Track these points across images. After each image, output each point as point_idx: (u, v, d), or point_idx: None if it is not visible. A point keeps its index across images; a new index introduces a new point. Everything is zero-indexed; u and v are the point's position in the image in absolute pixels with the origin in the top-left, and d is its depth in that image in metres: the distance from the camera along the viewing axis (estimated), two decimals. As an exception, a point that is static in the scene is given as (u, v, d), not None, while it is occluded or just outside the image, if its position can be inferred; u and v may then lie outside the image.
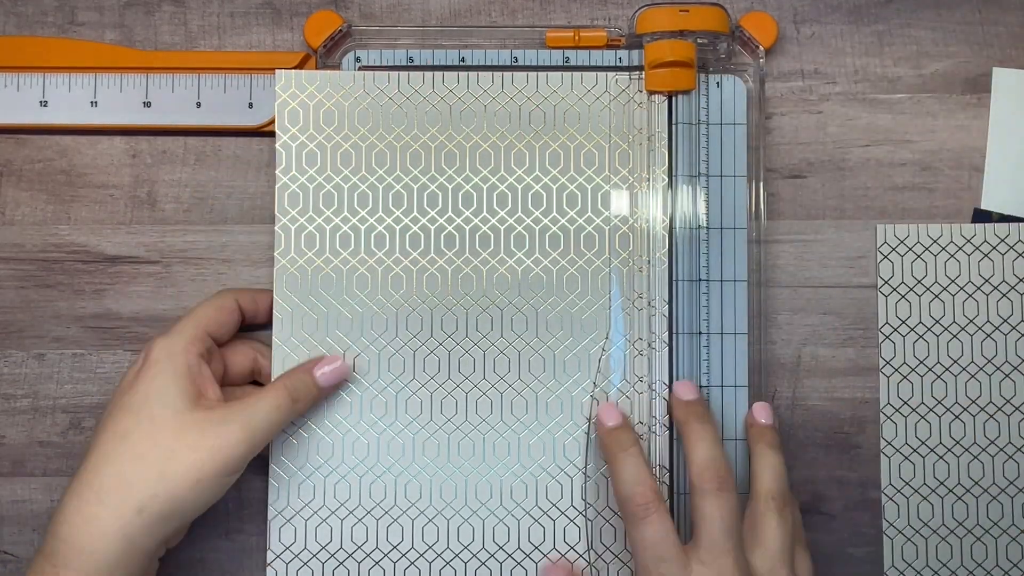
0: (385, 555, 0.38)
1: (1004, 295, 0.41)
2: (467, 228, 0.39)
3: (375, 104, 0.39)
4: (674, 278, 0.40)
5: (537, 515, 0.38)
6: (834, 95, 0.42)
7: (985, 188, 0.41)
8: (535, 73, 0.40)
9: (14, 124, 0.41)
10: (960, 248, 0.41)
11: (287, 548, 0.38)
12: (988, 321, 0.41)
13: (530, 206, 0.39)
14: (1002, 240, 0.41)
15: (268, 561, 0.38)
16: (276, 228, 0.39)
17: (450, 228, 0.39)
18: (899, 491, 0.40)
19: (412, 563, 0.38)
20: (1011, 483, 0.40)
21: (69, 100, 0.41)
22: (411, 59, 0.40)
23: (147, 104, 0.41)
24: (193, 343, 0.35)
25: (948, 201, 0.41)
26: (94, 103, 0.41)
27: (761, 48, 0.41)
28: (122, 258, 0.41)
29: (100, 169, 0.41)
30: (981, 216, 0.41)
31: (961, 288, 0.41)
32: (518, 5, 0.42)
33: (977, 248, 0.41)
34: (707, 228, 0.40)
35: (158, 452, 0.33)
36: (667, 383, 0.39)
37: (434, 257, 0.39)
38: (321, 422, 0.39)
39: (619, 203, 0.39)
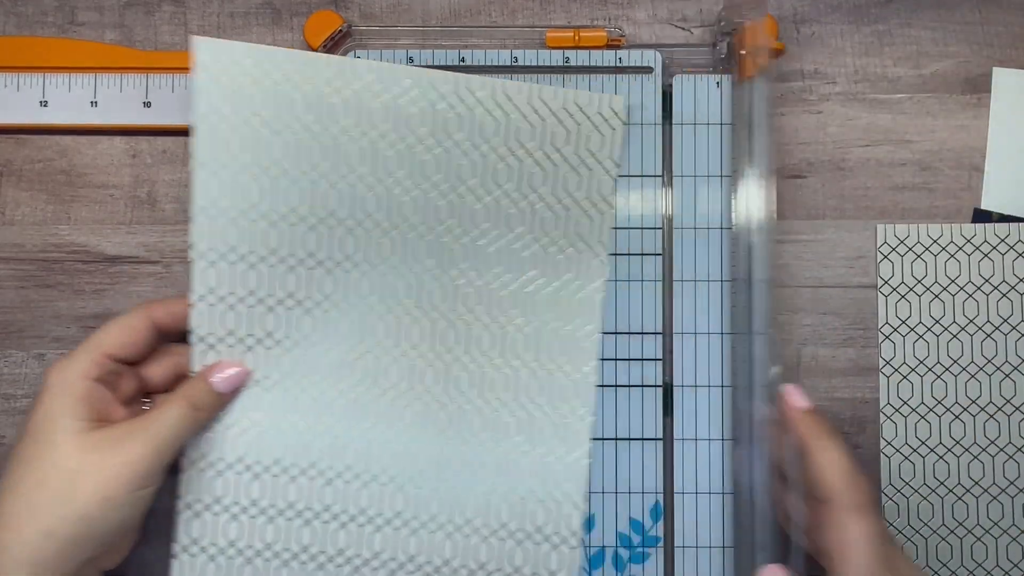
0: (294, 556, 0.37)
1: (1004, 295, 0.41)
2: (407, 237, 0.37)
3: (313, 93, 0.36)
4: (675, 278, 0.40)
5: (450, 530, 0.38)
6: (834, 95, 0.42)
7: (985, 188, 0.41)
8: (491, 81, 0.37)
9: (14, 124, 0.41)
10: (960, 248, 0.41)
11: (194, 542, 0.37)
12: (988, 321, 0.41)
13: (472, 221, 0.38)
14: (1002, 240, 0.41)
15: (174, 553, 0.37)
16: (194, 213, 0.36)
17: (386, 233, 0.37)
18: (899, 491, 0.40)
19: (321, 566, 0.37)
20: (1011, 483, 0.40)
21: (69, 100, 0.41)
22: (411, 59, 0.40)
23: (147, 104, 0.41)
24: (90, 367, 0.34)
25: (948, 201, 0.41)
26: (94, 103, 0.41)
27: (761, 48, 0.41)
28: (122, 258, 0.41)
29: (100, 169, 0.41)
30: (981, 216, 0.41)
31: (961, 288, 0.41)
32: (518, 5, 0.42)
33: (977, 248, 0.41)
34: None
35: (62, 475, 0.32)
36: (589, 408, 0.38)
37: (367, 263, 0.37)
38: (239, 419, 0.37)
39: (559, 225, 0.38)
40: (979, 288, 0.41)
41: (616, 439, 0.40)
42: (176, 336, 0.37)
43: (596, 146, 0.38)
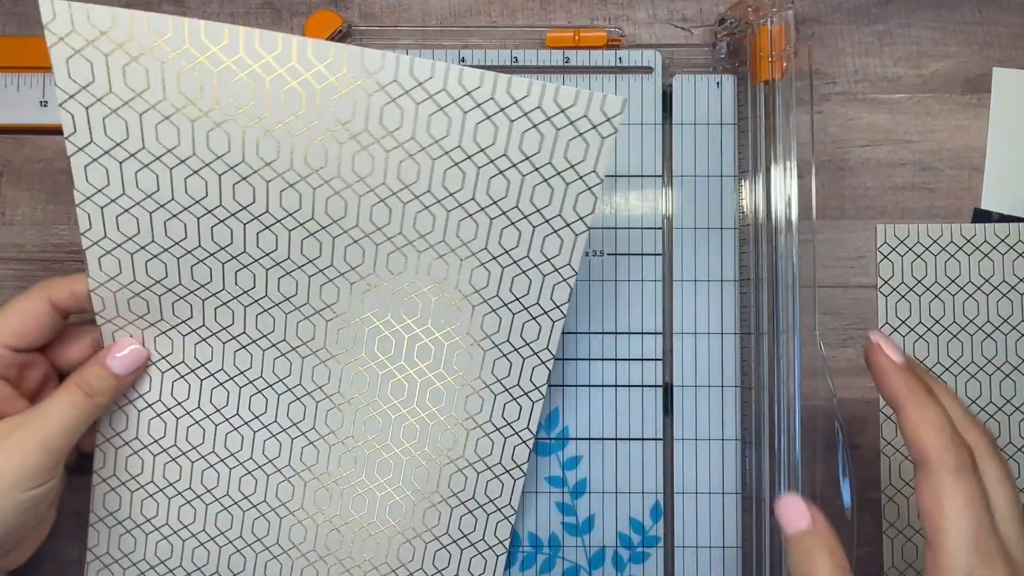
0: (211, 539, 0.37)
1: (1004, 295, 0.41)
2: (334, 238, 0.33)
3: (207, 69, 0.30)
4: (675, 278, 0.40)
5: (374, 531, 0.37)
6: (834, 95, 0.42)
7: (985, 188, 0.41)
8: (443, 67, 0.30)
9: (14, 124, 0.41)
10: (960, 248, 0.41)
11: (111, 514, 0.37)
12: (988, 321, 0.41)
13: (415, 227, 0.33)
14: (1002, 240, 0.41)
15: (91, 523, 0.37)
16: (79, 207, 0.32)
17: (312, 234, 0.33)
18: (899, 491, 0.40)
19: (238, 551, 0.37)
20: (1011, 483, 0.40)
21: (69, 100, 0.41)
22: (411, 59, 0.40)
23: (147, 104, 0.40)
24: None
25: (948, 201, 0.41)
26: (94, 103, 0.40)
27: (761, 48, 0.41)
28: (122, 258, 0.41)
29: (100, 169, 0.41)
30: (981, 216, 0.41)
31: (961, 288, 0.41)
32: (518, 5, 0.42)
33: (977, 248, 0.41)
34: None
35: None
36: (533, 432, 0.36)
37: (292, 261, 0.33)
38: (154, 403, 0.36)
39: (521, 243, 0.33)
40: (979, 288, 0.41)
41: (616, 439, 0.40)
42: (87, 315, 0.34)
43: (577, 156, 0.32)
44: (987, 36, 0.42)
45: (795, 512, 0.31)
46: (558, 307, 0.34)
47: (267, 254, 0.33)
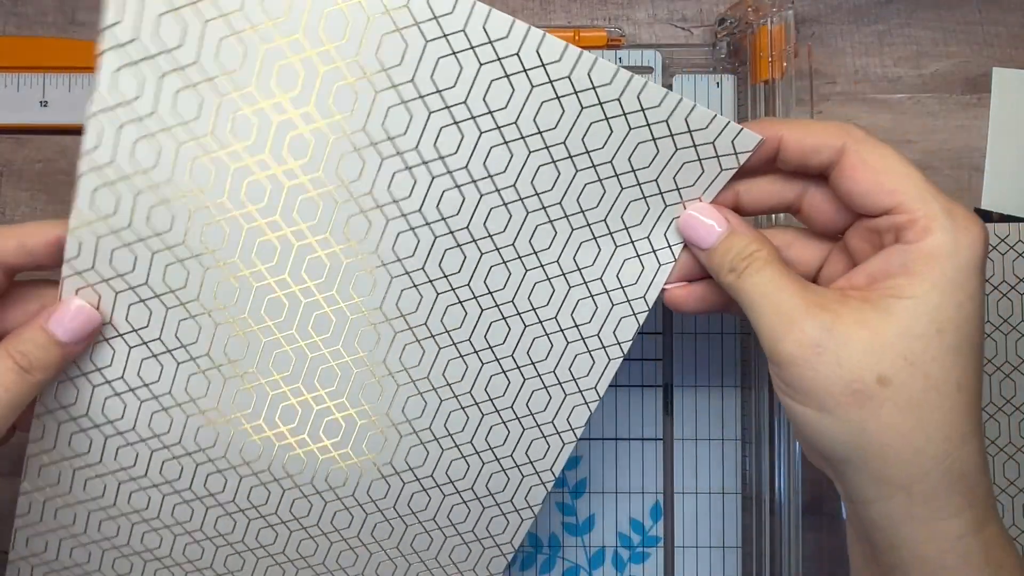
0: (166, 527, 0.32)
1: (1004, 295, 0.41)
2: (388, 220, 0.29)
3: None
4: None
5: (357, 549, 0.34)
6: (834, 95, 0.42)
7: (985, 188, 0.41)
8: (575, 52, 0.27)
9: (14, 124, 0.41)
10: (960, 248, 0.41)
11: (48, 486, 0.31)
12: (988, 321, 0.41)
13: (484, 224, 0.29)
14: (1002, 240, 0.41)
15: (22, 492, 0.31)
16: (91, 117, 0.26)
17: (363, 212, 0.28)
18: (899, 491, 0.40)
19: (196, 542, 0.32)
20: (1011, 483, 0.40)
21: (69, 100, 0.41)
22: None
23: (147, 104, 0.40)
24: None
25: (948, 201, 0.41)
26: (94, 103, 0.40)
27: (761, 48, 0.41)
28: (122, 258, 0.41)
29: (100, 169, 0.41)
30: (981, 216, 0.41)
31: (961, 288, 0.41)
32: (518, 5, 0.42)
33: (977, 248, 0.41)
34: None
35: None
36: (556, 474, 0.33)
37: (330, 239, 0.28)
38: (117, 379, 0.29)
39: (598, 263, 0.30)
40: (979, 288, 0.41)
41: (616, 439, 0.40)
42: (48, 266, 0.28)
43: (688, 179, 0.29)
44: (987, 36, 0.42)
45: (703, 223, 0.28)
46: (619, 344, 0.31)
47: (308, 225, 0.28)
